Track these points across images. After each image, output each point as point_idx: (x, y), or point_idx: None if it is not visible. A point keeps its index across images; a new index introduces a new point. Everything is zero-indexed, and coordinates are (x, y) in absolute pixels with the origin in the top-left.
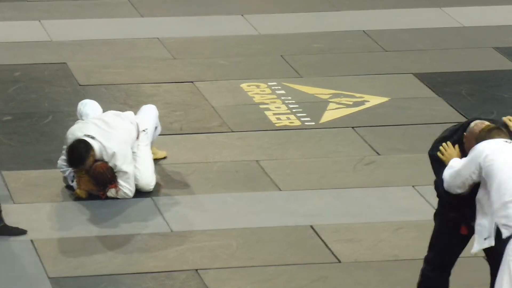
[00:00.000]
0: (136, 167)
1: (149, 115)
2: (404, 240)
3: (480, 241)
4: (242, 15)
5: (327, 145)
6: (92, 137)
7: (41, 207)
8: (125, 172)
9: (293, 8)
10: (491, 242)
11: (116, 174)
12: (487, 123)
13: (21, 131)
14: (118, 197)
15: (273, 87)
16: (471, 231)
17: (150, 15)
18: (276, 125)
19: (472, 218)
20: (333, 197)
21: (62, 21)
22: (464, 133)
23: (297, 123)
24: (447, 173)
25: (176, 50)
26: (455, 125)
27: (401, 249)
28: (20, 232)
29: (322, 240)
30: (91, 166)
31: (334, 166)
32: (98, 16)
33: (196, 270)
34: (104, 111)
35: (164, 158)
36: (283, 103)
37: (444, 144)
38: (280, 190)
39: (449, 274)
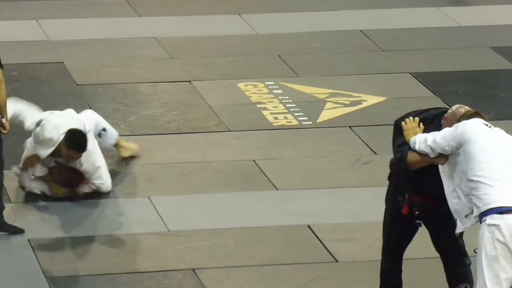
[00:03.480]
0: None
1: (90, 117)
2: None
3: (463, 220)
4: (239, 15)
5: (324, 144)
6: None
7: (38, 207)
8: (91, 169)
9: (291, 7)
10: (472, 220)
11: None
12: (468, 107)
13: (17, 130)
14: (99, 190)
15: (270, 87)
16: (412, 215)
17: (147, 14)
18: (274, 124)
19: (418, 203)
20: (330, 196)
21: (60, 21)
22: (445, 114)
23: (294, 122)
24: (418, 139)
25: (174, 50)
26: (438, 109)
27: None
28: (17, 230)
29: (319, 240)
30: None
31: (331, 165)
32: (95, 15)
33: (193, 269)
34: (101, 109)
35: (135, 155)
36: (281, 102)
37: (411, 117)
38: (277, 189)
39: (400, 263)
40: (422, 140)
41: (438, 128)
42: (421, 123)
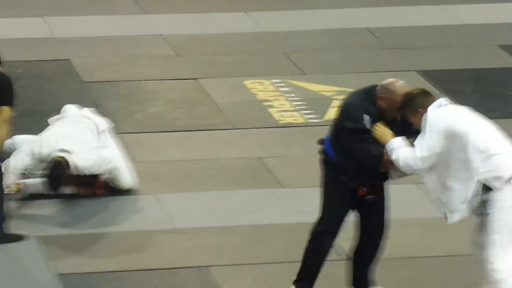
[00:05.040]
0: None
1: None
2: (407, 238)
3: (459, 208)
4: (245, 12)
5: None
6: (69, 152)
7: (46, 204)
8: (108, 170)
9: (296, 5)
10: (473, 202)
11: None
12: (402, 82)
13: (24, 128)
14: (119, 187)
15: (276, 84)
16: (366, 193)
17: (153, 12)
18: (280, 122)
19: (360, 181)
20: None
21: (66, 18)
22: (382, 95)
23: (301, 120)
24: (404, 153)
25: (179, 47)
26: (360, 92)
27: (404, 247)
28: (18, 238)
29: None
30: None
31: None
32: (101, 13)
33: (202, 267)
34: (108, 107)
35: None
36: (287, 100)
37: (376, 125)
38: (284, 187)
39: (335, 237)
40: (406, 156)
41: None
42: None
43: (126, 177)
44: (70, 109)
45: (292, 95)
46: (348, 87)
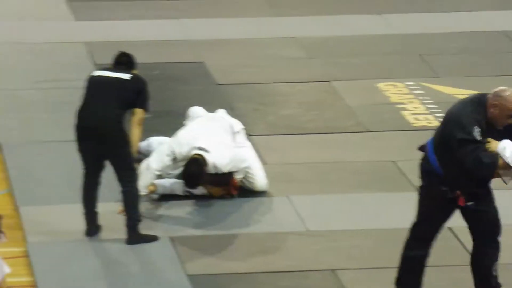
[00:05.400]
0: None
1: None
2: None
3: None
4: (379, 14)
5: None
6: (206, 151)
7: (179, 205)
8: (242, 169)
9: (432, 7)
10: None
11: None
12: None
13: (159, 129)
14: (252, 188)
15: (410, 87)
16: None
17: (286, 14)
18: (413, 125)
19: (465, 189)
20: None
21: (201, 20)
22: (494, 103)
23: (435, 123)
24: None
25: (312, 49)
26: (469, 101)
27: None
28: (152, 239)
29: (460, 241)
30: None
31: None
32: (235, 15)
33: (333, 270)
34: (240, 109)
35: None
36: (421, 103)
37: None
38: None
39: (432, 247)
40: None
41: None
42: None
43: (260, 178)
44: (197, 111)
45: (427, 98)
46: (482, 91)
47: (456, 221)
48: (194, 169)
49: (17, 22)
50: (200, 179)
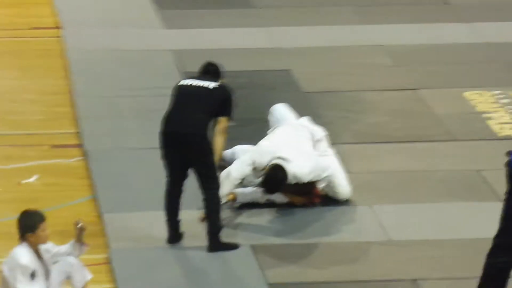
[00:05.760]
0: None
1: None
2: None
3: None
4: (466, 23)
5: None
6: (287, 160)
7: (260, 213)
8: (324, 178)
9: None
10: None
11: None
12: None
13: (244, 137)
14: (336, 197)
15: (497, 96)
16: None
17: (373, 22)
18: (499, 134)
19: None
20: None
21: (286, 28)
22: None
23: None
24: None
25: (399, 57)
26: None
27: None
28: (233, 246)
29: None
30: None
31: None
32: (322, 23)
33: (415, 280)
34: (327, 117)
35: None
36: (507, 112)
37: None
38: (502, 201)
39: None
40: None
41: None
42: None
43: (343, 186)
44: (281, 111)
45: None
46: None
47: None
48: (273, 174)
49: (108, 30)
50: (279, 184)
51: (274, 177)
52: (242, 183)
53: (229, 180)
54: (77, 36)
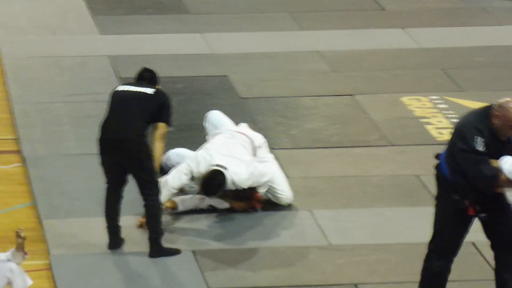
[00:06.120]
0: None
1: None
2: None
3: None
4: (402, 29)
5: None
6: (224, 168)
7: (200, 219)
8: (264, 183)
9: (454, 22)
10: None
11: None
12: None
13: (183, 142)
14: (278, 202)
15: (434, 101)
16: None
17: (310, 28)
18: (437, 139)
19: (474, 199)
20: None
21: (223, 34)
22: (496, 113)
23: None
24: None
25: (336, 63)
26: (475, 112)
27: None
28: (174, 252)
29: (484, 257)
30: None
31: None
32: (258, 29)
33: (355, 284)
34: (264, 122)
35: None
36: (445, 117)
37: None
38: None
39: (452, 261)
40: None
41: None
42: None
43: (284, 191)
44: (217, 117)
45: (451, 112)
46: None
47: (479, 236)
48: (212, 177)
49: (43, 36)
50: (218, 187)
51: (212, 180)
52: (183, 190)
53: (166, 189)
54: (12, 42)
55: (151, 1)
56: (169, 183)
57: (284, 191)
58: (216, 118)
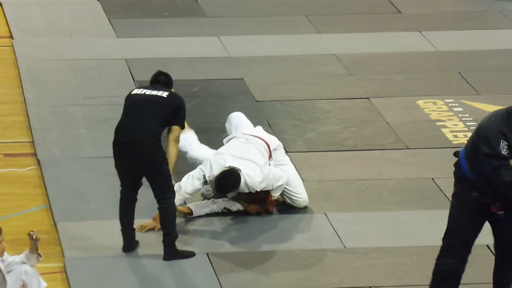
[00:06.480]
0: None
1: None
2: None
3: None
4: (419, 32)
5: None
6: (238, 170)
7: (215, 221)
8: (278, 187)
9: (471, 25)
10: None
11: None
12: None
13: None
14: (294, 205)
15: (450, 104)
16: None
17: (327, 31)
18: (453, 142)
19: (493, 197)
20: None
21: (240, 37)
22: None
23: None
24: None
25: (352, 66)
26: (499, 114)
27: None
28: (189, 255)
29: None
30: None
31: None
32: (275, 32)
33: (370, 287)
34: (279, 125)
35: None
36: (460, 120)
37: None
38: None
39: (466, 260)
40: None
41: None
42: None
43: (300, 194)
44: (239, 118)
45: (466, 115)
46: None
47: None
48: (227, 173)
49: (59, 39)
50: (232, 184)
51: (227, 178)
52: (201, 194)
53: (180, 194)
54: (28, 45)
55: (167, 4)
56: (182, 188)
57: (300, 194)
58: (236, 120)
